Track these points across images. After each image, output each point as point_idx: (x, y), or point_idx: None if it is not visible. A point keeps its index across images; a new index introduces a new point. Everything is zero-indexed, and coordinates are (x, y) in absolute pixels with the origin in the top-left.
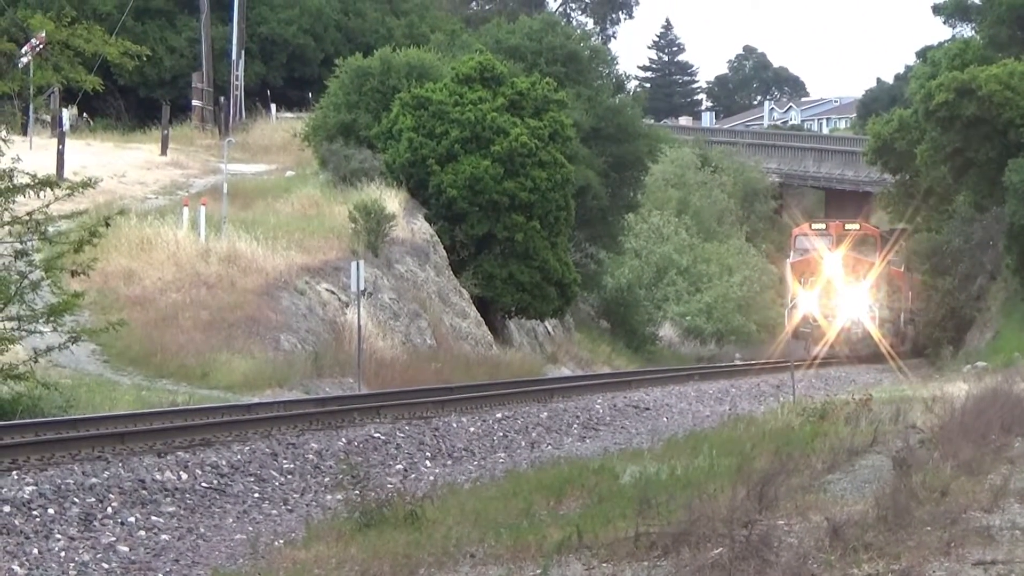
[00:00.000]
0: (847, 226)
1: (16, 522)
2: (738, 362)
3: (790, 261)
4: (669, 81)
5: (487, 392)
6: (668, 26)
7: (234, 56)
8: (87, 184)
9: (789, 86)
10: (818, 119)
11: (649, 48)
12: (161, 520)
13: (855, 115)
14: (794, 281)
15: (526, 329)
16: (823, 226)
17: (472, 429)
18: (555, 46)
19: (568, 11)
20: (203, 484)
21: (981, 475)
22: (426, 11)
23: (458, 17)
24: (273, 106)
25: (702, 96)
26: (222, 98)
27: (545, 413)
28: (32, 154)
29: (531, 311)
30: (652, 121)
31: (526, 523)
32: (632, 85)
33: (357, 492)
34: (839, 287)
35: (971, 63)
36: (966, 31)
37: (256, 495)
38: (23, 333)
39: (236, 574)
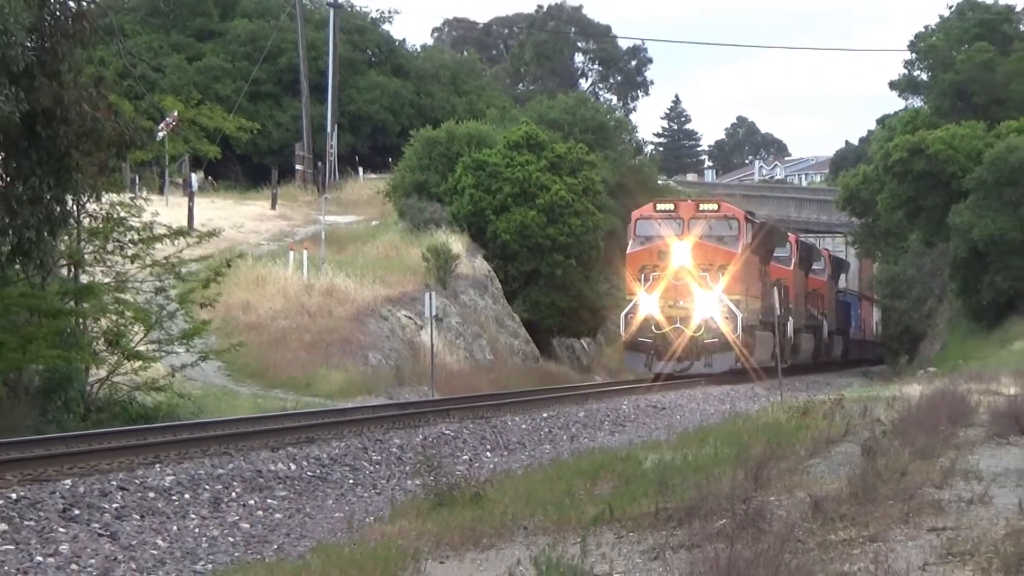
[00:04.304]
0: (702, 207)
1: (159, 505)
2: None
3: (628, 251)
4: (678, 145)
5: (535, 396)
6: (677, 101)
7: (329, 129)
8: (212, 233)
9: (775, 147)
10: (799, 174)
11: (662, 119)
12: (275, 502)
13: (828, 170)
14: (632, 277)
15: (566, 346)
16: (670, 207)
17: (523, 426)
18: (586, 118)
19: (596, 90)
20: (308, 473)
21: (933, 459)
22: (483, 91)
23: (509, 96)
24: (361, 169)
25: (704, 157)
26: (319, 163)
27: (582, 413)
28: (167, 210)
29: (570, 331)
30: (665, 177)
31: (568, 501)
32: (648, 149)
33: (432, 478)
34: (689, 284)
35: (921, 128)
36: (916, 102)
37: (351, 481)
38: (163, 353)
39: (336, 545)
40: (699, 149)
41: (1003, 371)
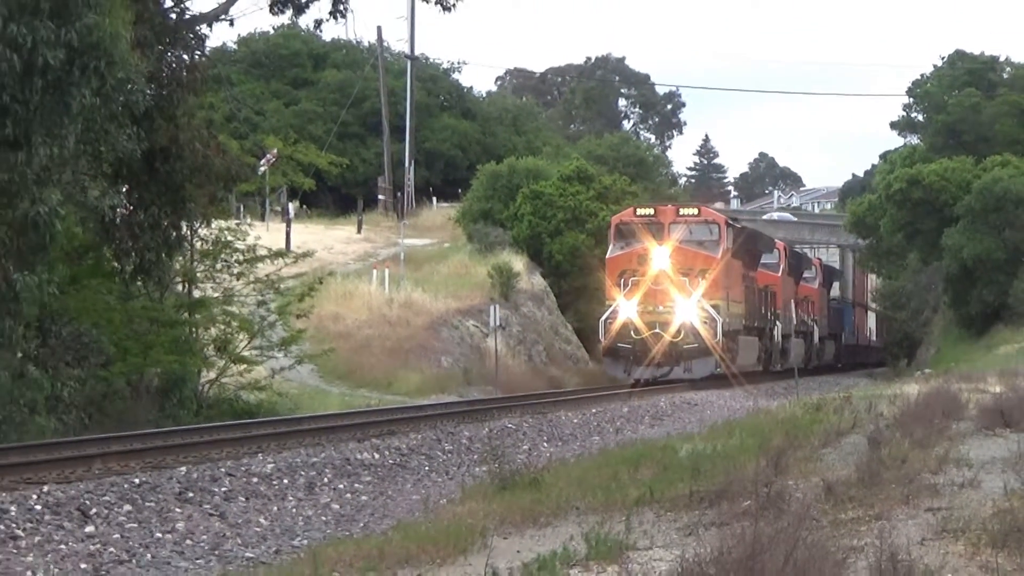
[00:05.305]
0: (682, 211)
1: (261, 489)
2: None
3: (608, 256)
4: (707, 177)
5: (585, 395)
6: (707, 139)
7: (407, 164)
8: (306, 254)
9: (791, 179)
10: (812, 201)
11: (693, 155)
12: (361, 486)
13: (838, 199)
14: (611, 282)
15: None
16: (650, 212)
17: (575, 420)
18: (629, 154)
19: (637, 130)
20: (390, 461)
21: (929, 448)
22: (539, 131)
23: (561, 135)
24: (434, 198)
25: (731, 187)
26: (399, 193)
27: (626, 408)
28: (268, 234)
29: None
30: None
31: (614, 485)
32: (682, 181)
33: (496, 465)
34: (669, 288)
35: (917, 162)
36: (914, 140)
37: (427, 468)
38: (264, 358)
39: (414, 523)
40: (726, 181)
41: (989, 372)
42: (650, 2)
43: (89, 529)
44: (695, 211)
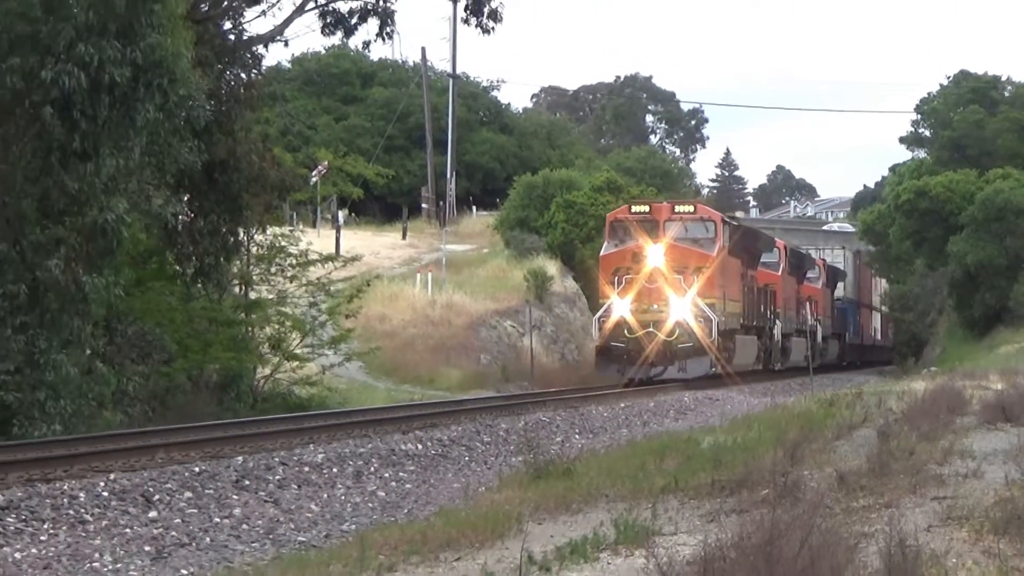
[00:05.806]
0: (677, 208)
1: (312, 477)
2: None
3: (601, 254)
4: (728, 188)
5: (614, 391)
6: (728, 153)
7: (448, 175)
8: (354, 259)
9: (806, 190)
10: (826, 211)
11: (715, 167)
12: (405, 475)
13: (850, 208)
14: (605, 280)
15: None
16: (645, 209)
17: (605, 414)
18: (655, 167)
19: (663, 144)
20: (432, 451)
21: (935, 441)
22: (572, 145)
23: (593, 149)
24: (474, 207)
25: (750, 198)
26: (441, 202)
27: (652, 403)
28: (319, 240)
29: None
30: None
31: (641, 475)
32: (705, 192)
33: (532, 456)
34: (663, 287)
35: (925, 174)
36: (921, 154)
37: (466, 458)
38: (315, 355)
39: (454, 510)
40: (745, 192)
41: (991, 371)
42: (676, 25)
43: (152, 514)
44: (691, 208)
